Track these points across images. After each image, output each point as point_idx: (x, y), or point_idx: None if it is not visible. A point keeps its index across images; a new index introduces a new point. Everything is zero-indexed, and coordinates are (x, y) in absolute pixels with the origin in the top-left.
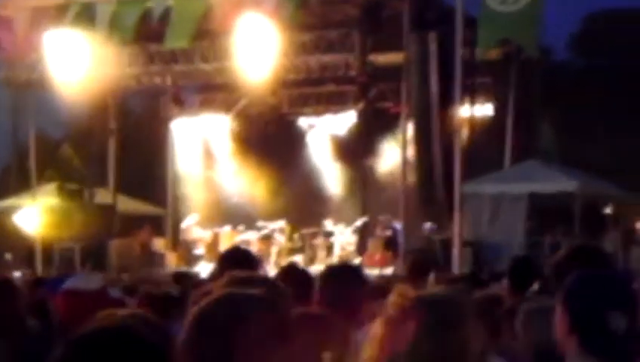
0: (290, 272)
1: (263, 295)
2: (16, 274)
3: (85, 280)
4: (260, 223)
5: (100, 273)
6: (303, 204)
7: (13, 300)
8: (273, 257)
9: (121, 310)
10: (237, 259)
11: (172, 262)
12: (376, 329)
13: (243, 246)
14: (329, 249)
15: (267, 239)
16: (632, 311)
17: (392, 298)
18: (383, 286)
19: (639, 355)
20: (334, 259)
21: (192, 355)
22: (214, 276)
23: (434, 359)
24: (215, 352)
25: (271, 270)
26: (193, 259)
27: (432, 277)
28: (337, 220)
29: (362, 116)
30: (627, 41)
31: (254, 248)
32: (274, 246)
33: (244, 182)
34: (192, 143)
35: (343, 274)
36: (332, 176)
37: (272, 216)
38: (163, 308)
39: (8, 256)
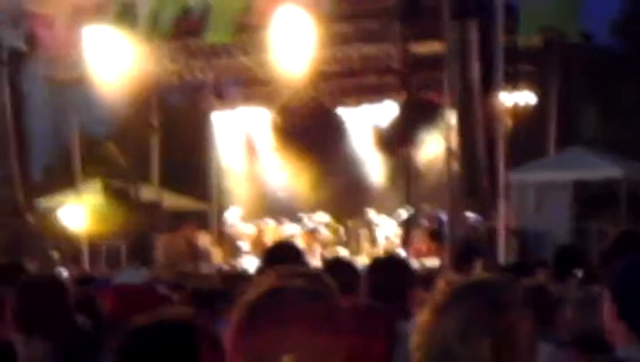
0: (336, 265)
1: (308, 286)
2: (63, 271)
3: (132, 276)
4: (304, 216)
5: (146, 269)
6: (347, 196)
7: (60, 297)
8: (318, 250)
9: (168, 308)
10: (282, 254)
11: (217, 256)
12: (423, 317)
13: (288, 241)
14: (373, 240)
15: (311, 233)
16: None
17: (439, 285)
18: (430, 277)
19: None
20: (379, 250)
21: (240, 349)
22: (260, 271)
23: (483, 343)
24: (263, 344)
25: (316, 263)
26: (238, 254)
27: (477, 264)
28: (380, 211)
29: (404, 106)
30: None
31: (299, 242)
32: (318, 240)
33: (287, 175)
34: (234, 137)
35: (390, 266)
36: (374, 168)
37: (315, 209)
38: (209, 304)
39: (55, 254)
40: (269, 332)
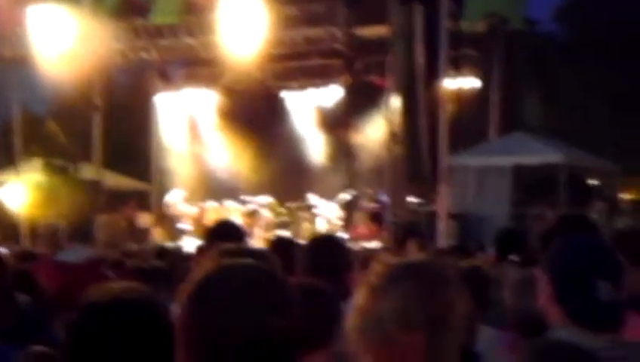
0: (279, 244)
1: (262, 265)
2: (2, 249)
3: (75, 254)
4: (245, 197)
5: (88, 248)
6: (289, 178)
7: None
8: (259, 232)
9: (116, 283)
10: (225, 232)
11: (157, 237)
12: (358, 297)
13: (231, 220)
14: (315, 222)
15: (252, 214)
16: (617, 278)
17: (374, 267)
18: (369, 258)
19: (624, 324)
20: (321, 232)
21: (193, 327)
22: (202, 249)
23: (419, 323)
24: (218, 324)
25: (256, 244)
26: (178, 234)
27: (412, 246)
28: (323, 194)
29: (348, 89)
30: (613, 14)
31: (240, 222)
32: (259, 221)
33: (229, 156)
34: (177, 118)
35: (327, 245)
36: (317, 150)
37: (257, 190)
38: (151, 282)
39: None
40: (221, 309)
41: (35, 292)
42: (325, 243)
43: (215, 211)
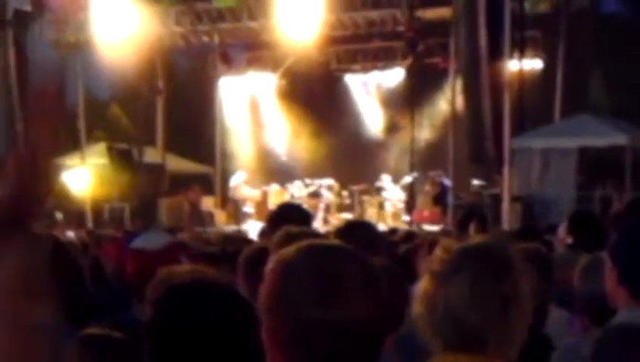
0: (352, 228)
1: (347, 246)
2: (70, 233)
3: (150, 239)
4: (308, 181)
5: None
6: (352, 162)
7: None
8: (321, 214)
9: (186, 267)
10: (289, 215)
11: (221, 220)
12: (423, 284)
13: (294, 203)
14: (380, 205)
15: (315, 196)
16: None
17: (437, 252)
18: (433, 242)
19: None
20: (386, 215)
21: (278, 309)
22: (265, 233)
23: (485, 307)
24: (304, 304)
25: (319, 227)
26: (242, 218)
27: (472, 228)
28: (389, 176)
29: (410, 72)
30: None
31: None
32: (322, 204)
33: (292, 139)
34: (240, 101)
35: (359, 229)
36: (380, 133)
37: (320, 174)
38: (218, 266)
39: (59, 216)
40: (311, 292)
41: (107, 277)
42: (358, 228)
43: (278, 194)
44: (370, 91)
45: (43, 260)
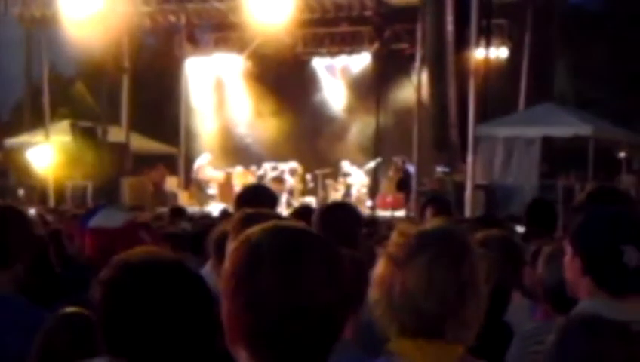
0: (304, 212)
1: (311, 229)
2: (31, 210)
3: (111, 218)
4: (272, 164)
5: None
6: (316, 145)
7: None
8: (284, 197)
9: (144, 247)
10: (255, 197)
11: (184, 201)
12: (380, 269)
13: (262, 184)
14: (345, 190)
15: (279, 180)
16: None
17: (394, 237)
18: (391, 227)
19: None
20: (349, 200)
21: (241, 290)
22: (227, 214)
23: (442, 292)
24: (268, 285)
25: (282, 211)
26: (205, 199)
27: (429, 212)
28: (351, 162)
29: (377, 57)
30: None
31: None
32: (286, 187)
33: (257, 122)
34: (206, 82)
35: (339, 211)
36: (345, 118)
37: (284, 157)
38: (180, 246)
39: (21, 192)
40: (274, 274)
41: (67, 254)
42: (338, 210)
43: (242, 176)
44: (336, 75)
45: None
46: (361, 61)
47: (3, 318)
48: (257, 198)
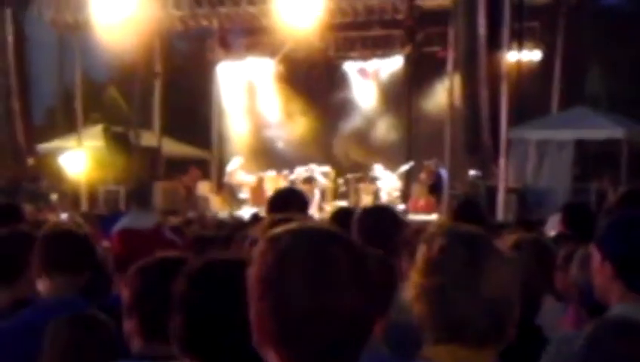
0: (343, 216)
1: (337, 230)
2: (63, 215)
3: (140, 220)
4: (304, 167)
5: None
6: (348, 149)
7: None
8: (317, 200)
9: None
10: (288, 200)
11: (216, 205)
12: (416, 269)
13: (293, 188)
14: (375, 194)
15: (310, 182)
16: None
17: (427, 238)
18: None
19: None
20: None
21: (273, 292)
22: (258, 218)
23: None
24: (296, 288)
25: (314, 214)
26: (237, 203)
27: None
28: (383, 166)
29: (409, 60)
30: None
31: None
32: (317, 189)
33: (289, 126)
34: (238, 86)
35: (379, 215)
36: (377, 121)
37: (316, 161)
38: (211, 250)
39: (54, 197)
40: (303, 276)
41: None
42: (377, 214)
43: (274, 180)
44: (368, 79)
45: None
46: (393, 64)
47: None
48: (289, 202)
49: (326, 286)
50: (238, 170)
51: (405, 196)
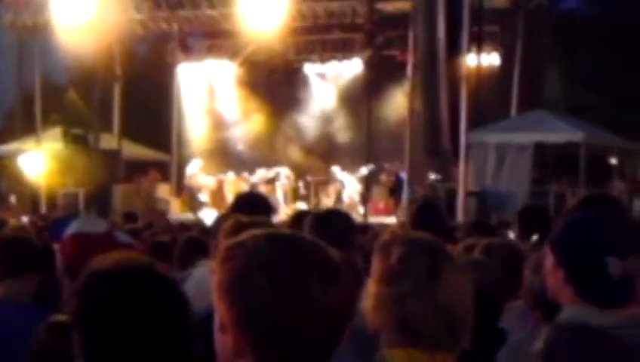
0: (300, 218)
1: (309, 237)
2: (24, 218)
3: (92, 224)
4: (264, 170)
5: (104, 218)
6: (309, 152)
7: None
8: (279, 201)
9: (124, 253)
10: (250, 205)
11: (176, 208)
12: (375, 276)
13: (257, 191)
14: (336, 196)
15: (272, 183)
16: (627, 254)
17: (387, 245)
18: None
19: (632, 299)
20: (341, 206)
21: (243, 299)
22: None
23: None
24: (270, 294)
25: (281, 216)
26: (197, 206)
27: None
28: (342, 168)
29: (369, 64)
30: None
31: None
32: (278, 190)
33: (249, 129)
34: (198, 89)
35: (333, 218)
36: (337, 124)
37: (276, 164)
38: (167, 255)
39: (12, 199)
40: (276, 284)
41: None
42: (331, 216)
43: (233, 183)
44: (327, 82)
45: None
46: (352, 68)
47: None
48: (252, 206)
49: (299, 291)
50: (198, 173)
51: (365, 198)
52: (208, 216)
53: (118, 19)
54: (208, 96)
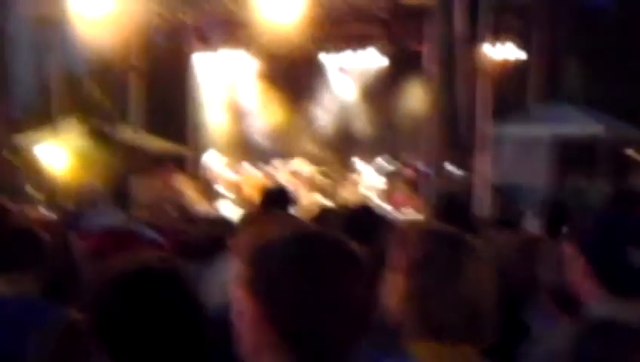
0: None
1: (334, 233)
2: (41, 208)
3: (114, 218)
4: (282, 161)
5: (123, 211)
6: (328, 144)
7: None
8: (303, 195)
9: (149, 253)
10: (278, 199)
11: (194, 199)
12: (397, 270)
13: (281, 186)
14: (356, 189)
15: (291, 176)
16: None
17: (409, 238)
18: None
19: None
20: (362, 199)
21: (270, 296)
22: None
23: (455, 297)
24: (296, 291)
25: (304, 208)
26: (215, 197)
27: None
28: (362, 160)
29: (387, 56)
30: None
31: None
32: (300, 181)
33: (267, 120)
34: (215, 81)
35: (362, 213)
36: (357, 116)
37: (294, 154)
38: (195, 252)
39: (30, 190)
40: (302, 281)
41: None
42: (361, 212)
43: (252, 176)
44: (346, 73)
45: None
46: (372, 60)
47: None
48: (278, 201)
49: (325, 287)
50: (216, 164)
51: (386, 192)
52: (225, 207)
53: (136, 10)
54: (226, 86)
